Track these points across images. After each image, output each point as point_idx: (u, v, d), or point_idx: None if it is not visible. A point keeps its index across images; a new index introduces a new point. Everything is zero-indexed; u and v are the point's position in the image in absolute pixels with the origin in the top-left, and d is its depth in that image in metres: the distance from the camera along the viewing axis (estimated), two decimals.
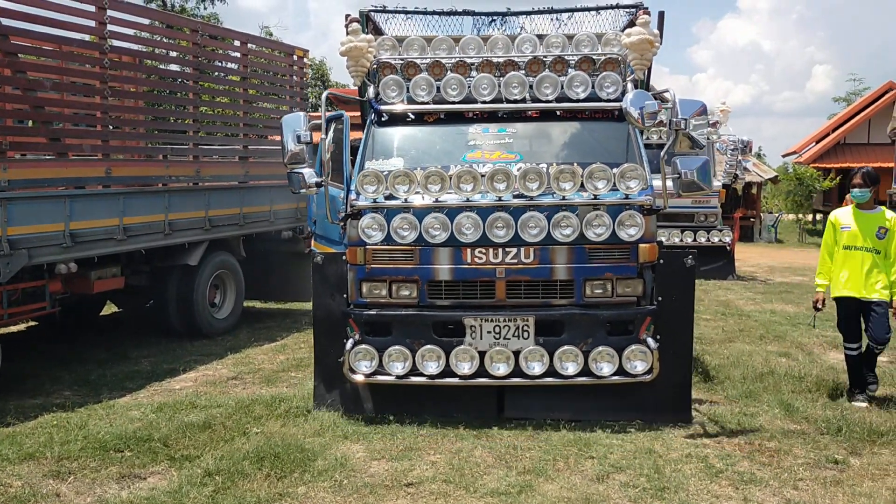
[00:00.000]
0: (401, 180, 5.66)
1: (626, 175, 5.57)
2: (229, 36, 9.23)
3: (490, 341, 5.63)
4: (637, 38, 5.96)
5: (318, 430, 5.47)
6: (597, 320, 5.64)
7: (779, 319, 10.01)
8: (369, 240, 5.67)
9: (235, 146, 9.40)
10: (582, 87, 6.07)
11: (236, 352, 8.07)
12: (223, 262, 8.97)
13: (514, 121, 6.32)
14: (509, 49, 6.29)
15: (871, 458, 5.03)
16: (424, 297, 5.71)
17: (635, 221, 5.57)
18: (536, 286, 5.69)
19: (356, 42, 6.05)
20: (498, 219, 5.59)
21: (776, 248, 22.00)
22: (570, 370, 5.55)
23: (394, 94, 6.15)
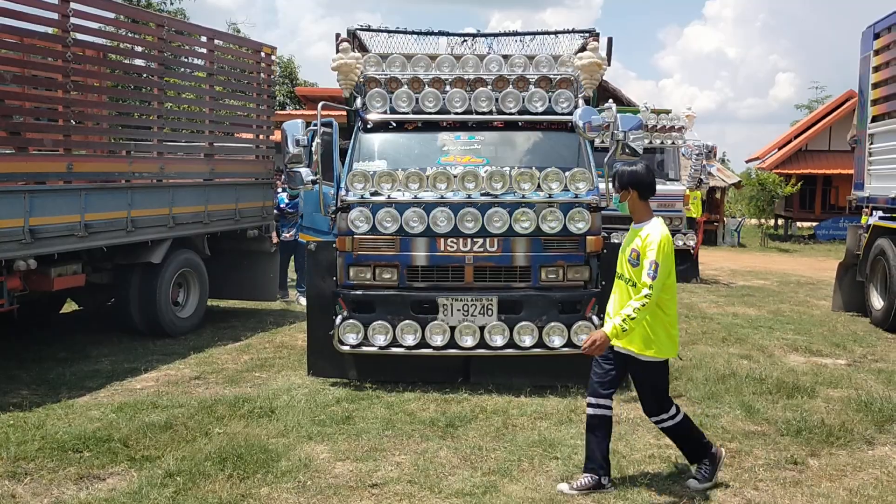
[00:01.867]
0: (385, 179, 6.60)
1: (576, 178, 6.56)
2: (195, 32, 9.09)
3: (459, 318, 6.52)
4: (587, 61, 6.96)
5: (281, 431, 5.43)
6: (550, 301, 6.56)
7: (740, 322, 10.16)
8: (357, 230, 6.54)
9: (201, 143, 9.26)
10: (540, 102, 7.04)
11: (199, 351, 7.96)
12: (187, 260, 8.84)
13: (482, 130, 7.28)
14: (479, 68, 7.19)
15: (829, 459, 5.12)
16: (404, 280, 6.61)
17: (583, 217, 6.53)
18: (499, 271, 6.62)
19: (346, 59, 6.99)
20: (467, 213, 6.47)
21: (739, 252, 22.34)
22: (527, 342, 6.46)
23: (378, 105, 7.08)
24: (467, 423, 5.67)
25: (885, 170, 10.15)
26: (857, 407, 6.18)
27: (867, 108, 10.66)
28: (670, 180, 15.22)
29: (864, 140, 10.78)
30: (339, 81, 7.16)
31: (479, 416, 5.84)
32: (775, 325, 10.05)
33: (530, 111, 7.06)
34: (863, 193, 10.77)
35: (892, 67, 9.96)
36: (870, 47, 10.60)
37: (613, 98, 26.39)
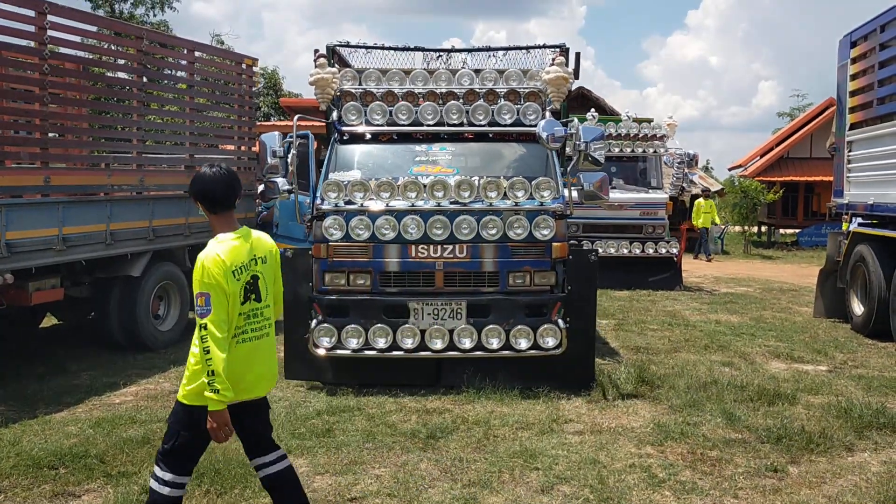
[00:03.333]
0: (357, 188, 6.84)
1: (541, 186, 6.81)
2: (176, 44, 9.07)
3: (430, 321, 6.75)
4: (554, 76, 7.23)
5: None
6: (517, 304, 6.78)
7: (723, 329, 10.19)
8: (331, 237, 6.77)
9: (182, 155, 9.22)
10: (509, 114, 7.31)
11: (180, 365, 7.88)
12: (168, 272, 8.78)
13: (453, 141, 7.57)
14: (451, 82, 7.53)
15: (809, 466, 5.14)
16: (377, 285, 6.84)
17: (548, 224, 6.76)
18: (468, 276, 6.85)
19: (322, 74, 7.28)
20: (437, 221, 6.75)
21: (722, 260, 22.42)
22: (494, 345, 6.66)
23: (353, 118, 7.37)
24: (448, 435, 5.65)
25: (863, 177, 10.24)
26: (837, 413, 6.20)
27: (845, 115, 10.76)
28: (653, 188, 15.31)
29: (842, 147, 10.87)
30: (316, 95, 7.47)
31: (460, 428, 5.82)
32: (757, 332, 10.09)
33: (499, 123, 7.34)
34: (842, 200, 10.85)
35: (868, 75, 10.06)
36: (847, 55, 10.71)
37: (596, 107, 26.44)
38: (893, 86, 9.32)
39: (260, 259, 3.61)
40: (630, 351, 8.75)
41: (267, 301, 3.65)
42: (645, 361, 8.06)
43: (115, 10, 29.72)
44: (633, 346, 8.97)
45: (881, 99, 9.66)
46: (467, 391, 6.68)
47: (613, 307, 12.10)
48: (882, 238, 9.54)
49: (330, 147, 7.44)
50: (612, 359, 8.30)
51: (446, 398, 6.61)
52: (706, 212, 21.74)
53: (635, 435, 5.72)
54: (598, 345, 9.11)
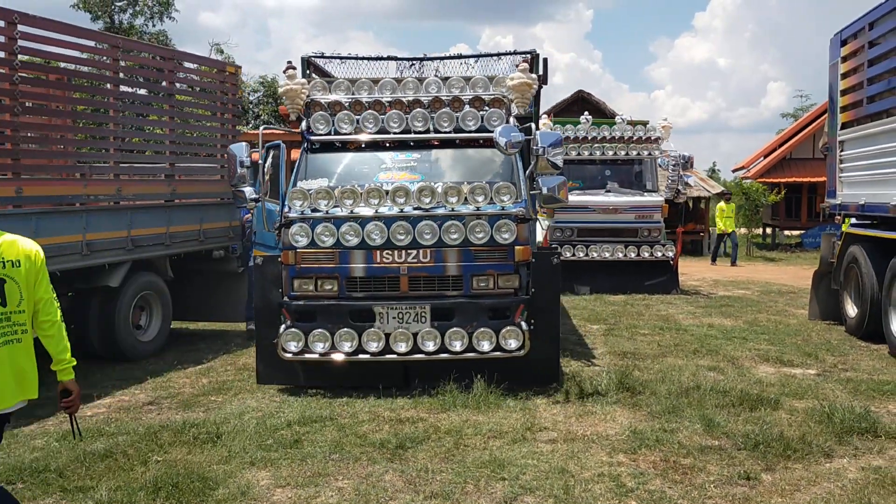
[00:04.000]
0: (322, 196, 7.02)
1: (500, 191, 6.93)
2: (154, 52, 9.03)
3: (395, 325, 6.87)
4: (518, 82, 7.40)
5: (225, 457, 5.28)
6: (480, 307, 6.88)
7: (715, 333, 10.04)
8: (298, 244, 6.92)
9: (161, 164, 9.16)
10: (473, 121, 7.49)
11: (158, 376, 7.82)
12: (148, 282, 8.72)
13: (418, 149, 7.76)
14: (418, 90, 7.69)
15: (784, 473, 5.00)
16: (343, 290, 6.97)
17: (510, 228, 6.85)
18: (433, 281, 6.96)
19: (291, 85, 7.54)
20: (400, 227, 6.86)
21: (723, 262, 22.20)
22: (457, 347, 6.77)
23: (322, 127, 7.56)
24: (418, 445, 5.53)
25: (855, 177, 10.09)
26: (819, 418, 6.05)
27: (837, 115, 10.61)
28: (648, 191, 15.19)
29: (834, 147, 10.72)
30: (286, 106, 7.73)
31: (431, 437, 5.70)
32: (749, 335, 9.93)
33: (464, 130, 7.51)
34: (835, 201, 10.69)
35: (858, 74, 9.91)
36: (837, 54, 10.56)
37: (596, 110, 26.35)
38: (882, 84, 9.17)
39: (9, 263, 3.43)
40: (616, 356, 8.62)
41: (19, 307, 3.45)
42: (629, 367, 7.93)
43: (115, 20, 29.84)
44: (620, 352, 8.84)
45: (871, 97, 9.50)
46: (443, 398, 6.58)
47: (606, 312, 11.97)
48: (874, 239, 9.38)
49: (300, 155, 7.63)
50: (597, 364, 8.17)
51: (421, 407, 6.50)
52: (728, 216, 21.14)
53: (609, 443, 5.59)
54: (584, 350, 9.03)
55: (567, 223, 14.69)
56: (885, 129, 8.96)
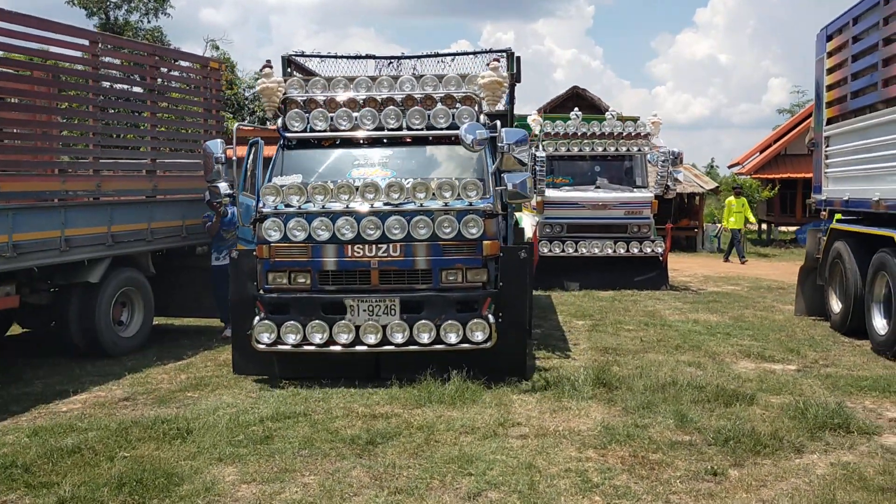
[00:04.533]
0: (293, 191, 7.18)
1: (467, 187, 7.10)
2: (136, 48, 9.00)
3: (365, 318, 7.03)
4: (488, 80, 7.60)
5: (193, 453, 5.27)
6: (448, 300, 7.04)
7: (699, 329, 10.03)
8: (271, 239, 7.09)
9: (142, 159, 9.14)
10: (444, 118, 7.66)
11: (136, 371, 7.81)
12: (129, 278, 8.71)
13: (391, 145, 7.92)
14: (392, 88, 7.87)
15: (752, 468, 4.99)
16: (316, 284, 7.13)
17: (477, 223, 7.01)
18: (403, 274, 7.13)
19: (268, 83, 7.74)
20: (370, 222, 7.03)
21: (716, 258, 22.20)
22: (425, 339, 6.94)
23: (296, 124, 7.73)
24: (388, 441, 5.52)
25: (839, 172, 10.07)
26: (792, 414, 6.04)
27: (823, 110, 10.59)
28: (638, 187, 15.17)
29: (820, 143, 10.70)
30: (263, 103, 7.96)
31: (402, 433, 5.69)
32: (734, 331, 9.93)
33: (436, 127, 7.68)
34: (821, 197, 10.68)
35: (843, 69, 9.88)
36: (823, 49, 10.54)
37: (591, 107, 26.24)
38: (866, 79, 9.15)
39: None
40: (598, 352, 8.60)
41: None
42: (609, 362, 7.92)
43: (110, 17, 29.81)
44: (602, 347, 8.83)
45: (855, 93, 9.48)
46: (418, 393, 6.58)
47: (594, 308, 11.96)
48: (857, 234, 9.36)
49: (276, 152, 7.82)
50: (577, 360, 8.16)
51: (397, 402, 6.49)
52: (738, 210, 20.60)
53: (580, 438, 5.58)
54: (567, 346, 9.02)
55: (557, 219, 14.67)
56: (868, 125, 8.95)
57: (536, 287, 13.99)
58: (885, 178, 8.45)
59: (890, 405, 6.48)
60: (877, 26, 8.75)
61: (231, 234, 8.88)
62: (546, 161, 14.58)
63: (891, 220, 8.38)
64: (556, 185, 15.10)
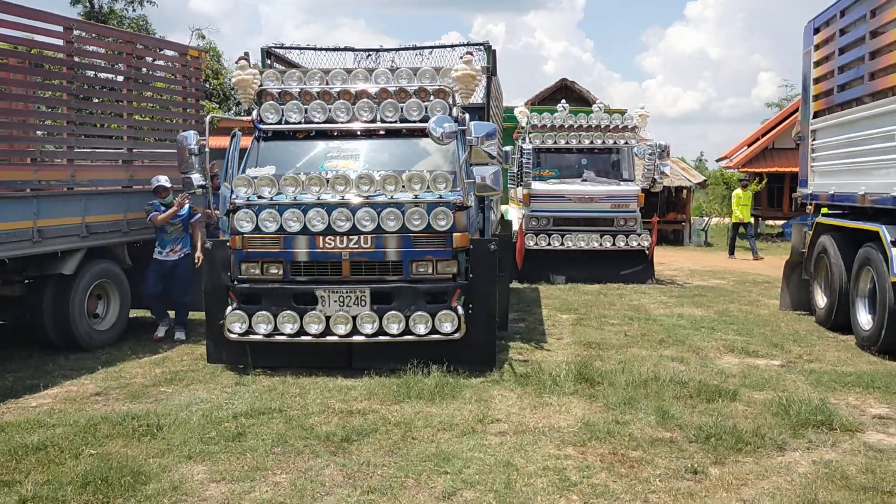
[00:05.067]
0: (265, 183, 7.26)
1: (437, 180, 7.15)
2: (112, 35, 8.80)
3: (336, 308, 7.11)
4: (461, 73, 7.68)
5: (162, 450, 5.14)
6: (417, 292, 7.12)
7: (684, 323, 9.95)
8: (243, 230, 7.16)
9: (118, 149, 8.95)
10: (417, 111, 7.66)
11: (111, 365, 7.66)
12: (105, 270, 8.52)
13: (365, 138, 7.95)
14: (368, 80, 7.93)
15: (733, 466, 4.90)
16: (288, 274, 7.22)
17: (446, 215, 7.08)
18: (374, 266, 7.20)
19: (243, 75, 7.82)
20: (341, 213, 7.07)
21: (704, 252, 22.17)
22: (394, 330, 7.04)
23: (271, 116, 7.77)
24: (364, 438, 5.41)
25: (826, 166, 10.00)
26: (775, 411, 5.97)
27: (810, 103, 10.51)
28: (624, 181, 15.07)
29: (807, 136, 10.63)
30: (238, 95, 8.01)
31: (379, 430, 5.58)
32: (718, 325, 9.86)
33: (409, 120, 7.67)
34: (807, 190, 10.61)
35: (830, 62, 9.79)
36: (811, 42, 10.45)
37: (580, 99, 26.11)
38: (852, 72, 9.06)
39: None
40: (581, 346, 8.51)
41: None
42: (592, 357, 7.84)
43: (94, 4, 29.42)
44: (585, 342, 8.73)
45: (841, 86, 9.39)
46: (397, 389, 6.46)
47: (579, 301, 11.87)
48: (842, 229, 9.30)
49: (251, 144, 7.85)
50: (560, 355, 8.06)
51: (375, 398, 6.38)
52: (744, 203, 19.43)
53: (559, 435, 5.48)
54: (550, 340, 8.92)
55: (543, 212, 14.56)
56: (855, 118, 8.87)
57: (522, 280, 13.97)
58: (871, 173, 8.38)
59: (873, 401, 6.42)
60: (864, 18, 8.65)
61: (177, 226, 8.62)
62: (532, 153, 14.52)
63: (876, 214, 8.31)
64: (542, 178, 14.99)
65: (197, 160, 7.48)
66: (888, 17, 7.96)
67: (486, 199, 8.65)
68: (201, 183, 7.54)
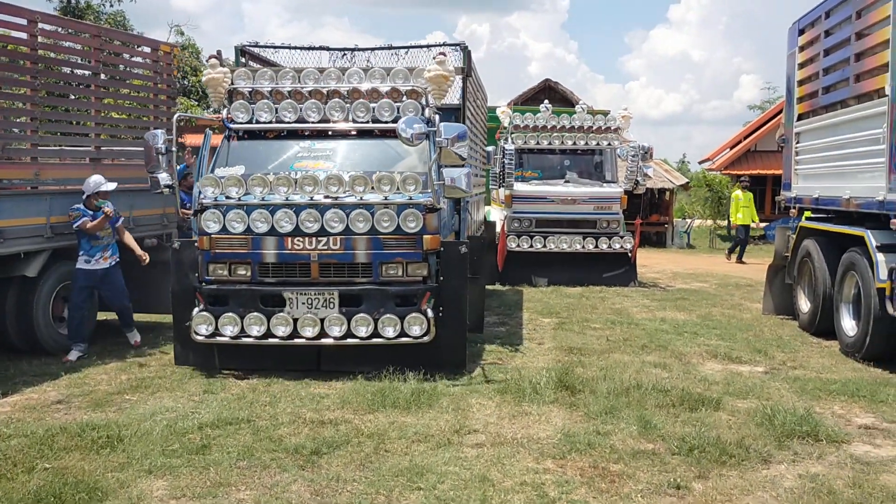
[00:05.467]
0: (232, 183, 7.12)
1: (407, 181, 7.05)
2: (78, 28, 8.51)
3: (304, 310, 7.01)
4: (434, 74, 7.52)
5: (122, 464, 4.89)
6: (387, 294, 7.02)
7: (666, 328, 9.80)
8: (210, 230, 7.04)
9: (85, 146, 8.65)
10: (389, 112, 7.56)
11: (75, 371, 7.37)
12: (71, 272, 8.23)
13: (336, 138, 7.84)
14: (340, 80, 7.77)
15: (717, 481, 4.73)
16: (256, 276, 7.11)
17: (416, 217, 6.98)
18: (343, 267, 7.10)
19: (213, 74, 7.62)
20: (309, 215, 6.97)
21: (686, 254, 22.10)
22: (363, 333, 6.92)
23: (241, 116, 7.64)
24: (335, 450, 5.18)
25: (810, 169, 9.88)
26: (759, 420, 5.81)
27: (794, 106, 10.40)
28: (607, 182, 14.92)
29: (791, 139, 10.51)
30: (209, 94, 7.87)
31: (351, 441, 5.36)
32: (701, 330, 9.72)
33: (380, 120, 7.57)
34: (790, 194, 10.49)
35: (815, 64, 9.67)
36: (795, 43, 10.33)
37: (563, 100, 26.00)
38: (837, 74, 8.94)
39: None
40: (563, 352, 8.33)
41: None
42: (573, 363, 7.66)
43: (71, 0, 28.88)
44: (567, 347, 8.55)
45: (826, 88, 9.27)
46: (371, 398, 6.25)
47: (561, 304, 11.69)
48: (827, 233, 9.18)
49: (220, 143, 7.75)
50: (541, 361, 7.87)
51: (348, 407, 6.15)
52: (745, 206, 18.83)
53: (539, 447, 5.29)
54: (531, 345, 8.73)
55: (525, 214, 14.37)
56: (839, 121, 8.75)
57: (504, 283, 13.79)
58: (856, 176, 8.25)
59: (859, 410, 6.28)
60: (849, 20, 8.52)
61: (108, 231, 8.14)
62: (515, 154, 14.32)
63: (861, 218, 8.18)
64: (524, 179, 14.81)
65: (164, 159, 7.31)
66: (874, 19, 7.83)
67: (463, 201, 8.50)
68: (168, 183, 7.37)
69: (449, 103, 8.07)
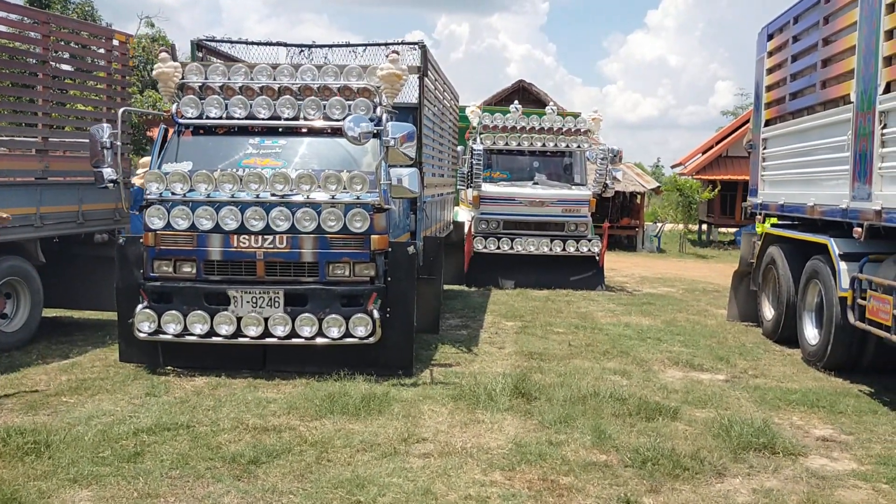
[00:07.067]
0: (177, 179, 6.99)
1: (354, 180, 6.95)
2: (27, 15, 8.19)
3: (248, 309, 6.92)
4: (386, 72, 7.44)
5: (46, 472, 4.62)
6: (333, 294, 6.95)
7: (630, 333, 9.67)
8: (154, 227, 6.95)
9: (32, 137, 8.32)
10: (340, 110, 7.41)
11: (13, 371, 7.06)
12: (13, 267, 7.90)
13: (285, 135, 7.65)
14: (293, 76, 7.61)
15: (669, 495, 4.57)
16: (201, 273, 7.01)
17: (363, 217, 6.91)
18: (289, 266, 7.02)
19: (164, 68, 7.51)
20: (254, 212, 6.88)
21: (656, 258, 22.11)
22: (307, 333, 6.86)
23: (190, 111, 7.47)
24: (274, 459, 4.95)
25: (776, 175, 9.81)
26: (717, 431, 5.67)
27: (762, 111, 10.32)
28: (576, 185, 14.81)
29: (758, 145, 10.44)
30: (159, 89, 7.75)
31: (293, 449, 5.13)
32: (665, 336, 9.60)
33: (331, 118, 7.42)
34: (757, 200, 10.42)
35: (783, 69, 9.60)
36: (764, 49, 10.26)
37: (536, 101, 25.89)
38: (805, 80, 8.86)
39: None
40: (523, 357, 8.16)
41: None
42: (532, 369, 7.49)
43: None
44: (527, 352, 8.38)
45: (793, 94, 9.20)
46: (319, 404, 6.02)
47: (525, 308, 11.53)
48: (791, 240, 9.10)
49: (170, 139, 7.60)
50: (499, 366, 7.69)
51: (294, 413, 5.92)
52: None
53: (488, 457, 5.10)
54: (491, 350, 8.56)
55: (492, 215, 14.21)
56: (806, 127, 8.68)
57: (470, 284, 13.61)
58: (822, 183, 8.17)
59: (818, 422, 6.17)
60: (817, 25, 8.45)
61: None
62: (483, 154, 14.17)
63: (826, 226, 8.10)
64: (492, 180, 14.65)
65: (108, 153, 7.22)
66: (841, 24, 7.75)
67: (419, 201, 8.32)
68: (112, 177, 7.25)
69: (406, 102, 7.97)
